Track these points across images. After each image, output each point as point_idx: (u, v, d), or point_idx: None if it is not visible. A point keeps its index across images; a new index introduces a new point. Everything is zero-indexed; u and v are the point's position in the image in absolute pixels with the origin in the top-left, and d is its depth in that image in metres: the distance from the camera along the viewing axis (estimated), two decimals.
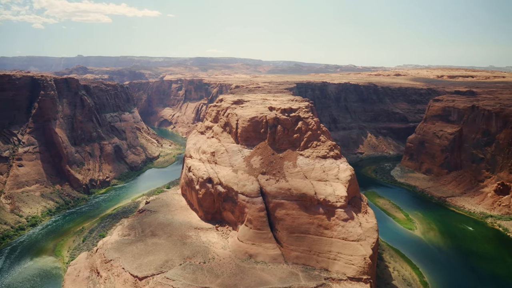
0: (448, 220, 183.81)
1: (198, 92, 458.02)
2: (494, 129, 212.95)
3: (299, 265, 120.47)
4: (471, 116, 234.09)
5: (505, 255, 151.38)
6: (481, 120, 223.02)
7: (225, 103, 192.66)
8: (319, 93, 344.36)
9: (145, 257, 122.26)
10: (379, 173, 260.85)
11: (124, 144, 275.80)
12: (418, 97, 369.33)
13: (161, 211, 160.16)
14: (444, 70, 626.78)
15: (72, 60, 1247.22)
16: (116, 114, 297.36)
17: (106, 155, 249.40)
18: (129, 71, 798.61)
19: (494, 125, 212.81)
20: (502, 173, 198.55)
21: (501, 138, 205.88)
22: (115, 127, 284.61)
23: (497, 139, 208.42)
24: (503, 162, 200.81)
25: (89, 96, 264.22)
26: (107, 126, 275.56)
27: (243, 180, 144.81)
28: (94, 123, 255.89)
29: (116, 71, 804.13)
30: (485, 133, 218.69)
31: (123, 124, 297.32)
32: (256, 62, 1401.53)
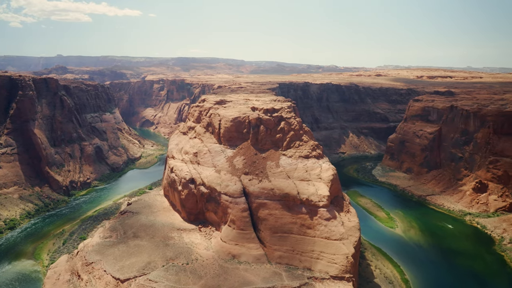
0: (428, 218, 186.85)
1: (180, 92, 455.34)
2: (472, 129, 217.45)
3: (282, 264, 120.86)
4: (450, 116, 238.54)
5: (483, 252, 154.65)
6: (460, 120, 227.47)
7: (208, 104, 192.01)
8: (302, 93, 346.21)
9: (127, 259, 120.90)
10: (361, 173, 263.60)
11: (105, 145, 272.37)
12: (398, 97, 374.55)
13: (143, 213, 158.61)
14: (424, 71, 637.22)
15: (51, 60, 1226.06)
16: (97, 114, 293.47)
17: (86, 156, 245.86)
18: (110, 71, 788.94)
19: (472, 125, 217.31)
20: (480, 171, 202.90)
21: (479, 137, 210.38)
22: (96, 127, 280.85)
23: (475, 138, 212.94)
24: (480, 161, 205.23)
25: (69, 96, 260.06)
26: (88, 127, 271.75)
27: (226, 180, 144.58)
28: (74, 124, 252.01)
29: (97, 71, 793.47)
30: (463, 132, 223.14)
31: (104, 124, 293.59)
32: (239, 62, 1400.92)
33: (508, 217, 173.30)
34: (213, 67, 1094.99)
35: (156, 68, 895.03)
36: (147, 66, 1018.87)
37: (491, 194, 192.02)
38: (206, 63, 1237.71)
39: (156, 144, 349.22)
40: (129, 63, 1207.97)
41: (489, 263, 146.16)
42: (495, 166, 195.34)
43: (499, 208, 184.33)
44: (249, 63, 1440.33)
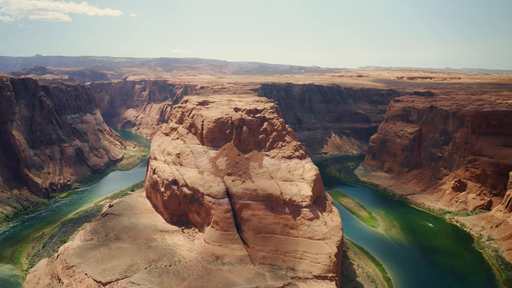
0: (409, 217, 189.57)
1: (163, 93, 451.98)
2: (451, 129, 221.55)
3: (266, 265, 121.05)
4: (429, 116, 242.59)
5: (463, 249, 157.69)
6: (439, 120, 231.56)
7: (190, 104, 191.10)
8: (284, 94, 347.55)
9: (109, 262, 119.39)
10: (343, 173, 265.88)
11: (86, 147, 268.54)
12: (379, 98, 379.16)
13: (125, 215, 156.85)
14: (404, 72, 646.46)
15: (30, 60, 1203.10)
16: (77, 115, 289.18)
17: (67, 158, 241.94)
18: (90, 72, 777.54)
19: (451, 125, 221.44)
20: (459, 170, 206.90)
21: (457, 137, 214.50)
22: (76, 129, 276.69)
23: (454, 138, 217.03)
24: (459, 160, 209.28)
25: (48, 97, 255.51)
26: (68, 128, 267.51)
27: (209, 181, 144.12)
28: (54, 125, 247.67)
29: (77, 71, 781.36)
30: (443, 132, 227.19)
31: (85, 126, 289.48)
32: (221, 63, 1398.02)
33: (486, 215, 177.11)
34: (195, 67, 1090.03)
35: (137, 69, 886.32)
36: (128, 66, 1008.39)
37: (469, 193, 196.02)
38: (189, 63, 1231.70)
39: (138, 145, 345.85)
40: (110, 63, 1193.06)
41: (468, 260, 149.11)
42: (473, 165, 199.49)
43: (478, 206, 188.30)
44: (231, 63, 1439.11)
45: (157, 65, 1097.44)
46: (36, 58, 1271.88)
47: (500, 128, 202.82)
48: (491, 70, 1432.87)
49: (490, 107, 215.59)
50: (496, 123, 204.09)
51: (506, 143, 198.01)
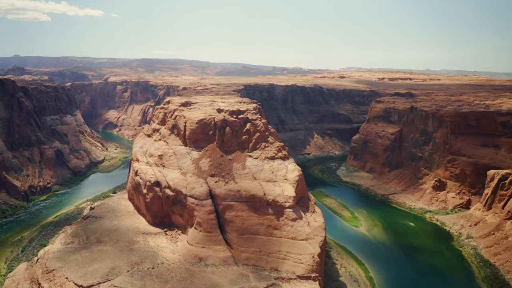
0: (390, 216, 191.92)
1: (145, 94, 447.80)
2: (431, 129, 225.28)
3: (250, 266, 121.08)
4: (410, 117, 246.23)
5: (443, 248, 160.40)
6: (419, 121, 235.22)
7: (173, 105, 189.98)
8: (267, 95, 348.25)
9: (90, 265, 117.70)
10: (326, 173, 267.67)
11: (66, 148, 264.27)
12: (361, 99, 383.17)
13: (107, 217, 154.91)
14: (385, 73, 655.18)
15: (7, 60, 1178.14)
16: (57, 117, 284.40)
17: (46, 160, 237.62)
18: (70, 72, 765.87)
19: (431, 125, 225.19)
20: (438, 170, 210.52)
21: (437, 137, 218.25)
22: (56, 130, 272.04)
23: (434, 138, 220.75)
24: (439, 160, 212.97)
25: (27, 98, 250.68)
26: (48, 130, 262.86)
27: (192, 183, 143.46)
28: (33, 127, 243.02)
29: (57, 72, 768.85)
30: (423, 132, 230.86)
31: (65, 127, 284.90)
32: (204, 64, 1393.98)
33: (465, 214, 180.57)
34: (178, 68, 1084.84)
35: (119, 70, 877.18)
36: (109, 67, 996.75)
37: (449, 192, 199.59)
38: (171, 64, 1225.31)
39: (119, 147, 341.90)
40: (91, 64, 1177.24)
41: (448, 259, 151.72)
42: (452, 165, 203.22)
43: (457, 205, 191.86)
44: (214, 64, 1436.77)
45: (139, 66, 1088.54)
46: (14, 58, 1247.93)
47: (478, 128, 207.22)
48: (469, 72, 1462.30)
49: (468, 108, 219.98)
50: (474, 123, 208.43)
51: (484, 143, 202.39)
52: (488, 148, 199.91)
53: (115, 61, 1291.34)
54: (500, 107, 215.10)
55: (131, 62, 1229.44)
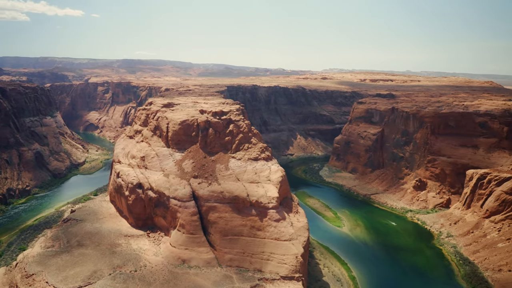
0: (373, 216, 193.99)
1: (126, 95, 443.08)
2: (411, 130, 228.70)
3: (233, 267, 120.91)
4: (391, 118, 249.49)
5: (424, 247, 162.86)
6: (400, 121, 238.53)
7: (155, 106, 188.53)
8: (250, 96, 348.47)
9: (71, 269, 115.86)
10: (309, 174, 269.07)
11: (46, 150, 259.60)
12: (343, 100, 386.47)
13: (88, 220, 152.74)
14: (367, 74, 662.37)
15: None
16: (36, 118, 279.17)
17: (25, 162, 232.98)
18: (50, 73, 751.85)
19: (412, 126, 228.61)
20: (419, 170, 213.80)
21: (418, 138, 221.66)
22: (35, 132, 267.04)
23: (415, 139, 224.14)
24: (420, 160, 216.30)
25: (5, 99, 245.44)
26: (27, 131, 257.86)
27: (174, 184, 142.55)
28: (11, 128, 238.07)
29: (36, 72, 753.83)
30: (404, 133, 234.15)
31: (45, 129, 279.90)
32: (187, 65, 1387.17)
33: (445, 213, 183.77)
34: (160, 69, 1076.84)
35: (100, 70, 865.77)
36: (90, 68, 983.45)
37: (429, 192, 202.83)
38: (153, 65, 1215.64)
39: (101, 148, 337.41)
40: (71, 64, 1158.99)
41: (429, 257, 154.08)
42: (433, 165, 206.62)
43: (437, 205, 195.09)
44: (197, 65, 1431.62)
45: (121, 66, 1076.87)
46: None
47: (457, 129, 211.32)
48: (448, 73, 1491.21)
49: (448, 109, 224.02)
50: (454, 124, 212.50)
51: (463, 143, 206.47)
52: (467, 148, 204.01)
53: (96, 61, 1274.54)
54: (479, 108, 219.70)
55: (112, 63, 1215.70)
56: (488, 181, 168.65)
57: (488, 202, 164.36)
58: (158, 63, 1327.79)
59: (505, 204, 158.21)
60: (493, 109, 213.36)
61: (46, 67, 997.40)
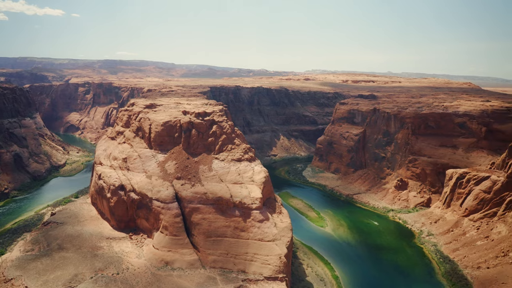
0: (355, 216, 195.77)
1: (108, 96, 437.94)
2: (393, 130, 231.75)
3: (217, 268, 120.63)
4: (373, 118, 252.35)
5: (405, 245, 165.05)
6: (382, 122, 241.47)
7: (137, 107, 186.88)
8: (233, 97, 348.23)
9: (52, 273, 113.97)
10: (292, 174, 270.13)
11: (25, 152, 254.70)
12: (326, 101, 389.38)
13: (69, 222, 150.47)
14: (349, 75, 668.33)
15: None
16: (15, 119, 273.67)
17: (4, 165, 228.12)
18: (29, 73, 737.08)
19: (393, 126, 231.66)
20: (400, 170, 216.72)
21: (399, 138, 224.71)
22: (14, 134, 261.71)
23: (396, 139, 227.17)
24: (401, 160, 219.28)
25: None
26: (5, 133, 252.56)
27: (157, 186, 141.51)
28: None
29: (14, 73, 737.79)
30: (385, 133, 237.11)
31: (24, 130, 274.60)
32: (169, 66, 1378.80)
33: (426, 212, 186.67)
34: (142, 70, 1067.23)
35: (81, 71, 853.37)
36: (71, 68, 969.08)
37: (410, 191, 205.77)
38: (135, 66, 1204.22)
39: (82, 150, 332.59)
40: (51, 65, 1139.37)
41: (410, 256, 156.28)
42: (413, 165, 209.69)
43: (418, 204, 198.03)
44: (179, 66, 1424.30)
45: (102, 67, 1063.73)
46: None
47: (437, 129, 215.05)
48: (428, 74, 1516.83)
49: (428, 110, 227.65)
50: (434, 124, 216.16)
51: (443, 143, 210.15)
52: (447, 148, 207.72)
53: (76, 62, 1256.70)
54: (457, 109, 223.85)
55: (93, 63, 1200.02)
56: (467, 180, 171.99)
57: (467, 201, 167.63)
58: (140, 63, 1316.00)
59: (484, 202, 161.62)
60: (472, 110, 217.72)
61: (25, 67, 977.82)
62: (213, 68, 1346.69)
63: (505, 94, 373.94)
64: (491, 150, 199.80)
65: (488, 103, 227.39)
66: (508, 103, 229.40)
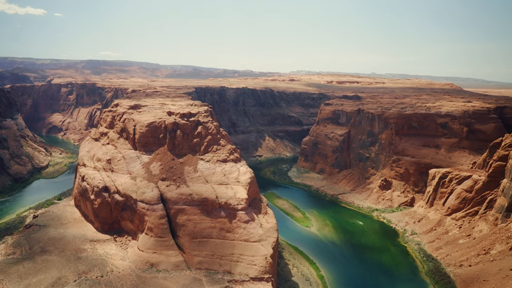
0: (340, 216, 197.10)
1: (91, 97, 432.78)
2: (377, 130, 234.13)
3: (202, 270, 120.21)
4: (357, 119, 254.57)
5: (389, 244, 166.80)
6: (366, 122, 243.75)
7: (121, 108, 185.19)
8: (218, 98, 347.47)
9: (34, 276, 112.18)
10: (277, 175, 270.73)
11: (6, 154, 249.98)
12: (311, 101, 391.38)
13: (52, 225, 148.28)
14: (333, 76, 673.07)
15: None
16: None
17: None
18: (10, 74, 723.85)
19: (377, 127, 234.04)
20: (384, 170, 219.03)
21: (383, 138, 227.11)
22: None
23: (380, 139, 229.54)
24: (385, 160, 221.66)
25: None
26: None
27: (142, 187, 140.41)
28: None
29: None
30: (369, 134, 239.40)
31: (5, 131, 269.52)
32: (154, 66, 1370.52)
33: (409, 211, 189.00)
34: (126, 70, 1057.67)
35: (63, 71, 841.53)
36: (53, 68, 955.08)
37: (394, 191, 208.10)
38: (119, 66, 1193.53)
39: (65, 151, 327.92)
40: (33, 65, 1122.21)
41: (394, 254, 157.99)
42: (397, 165, 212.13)
43: (402, 203, 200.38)
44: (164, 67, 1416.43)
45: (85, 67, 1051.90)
46: None
47: (420, 130, 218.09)
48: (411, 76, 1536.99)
49: (411, 110, 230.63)
50: (417, 124, 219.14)
51: (426, 143, 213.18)
52: (430, 148, 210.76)
53: (59, 62, 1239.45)
54: (440, 109, 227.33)
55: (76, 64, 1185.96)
56: (449, 180, 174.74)
57: (449, 200, 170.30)
58: (124, 64, 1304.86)
59: (465, 201, 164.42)
60: (454, 110, 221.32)
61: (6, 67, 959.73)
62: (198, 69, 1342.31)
63: (486, 95, 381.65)
64: (472, 150, 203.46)
65: (470, 104, 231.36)
66: (488, 103, 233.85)
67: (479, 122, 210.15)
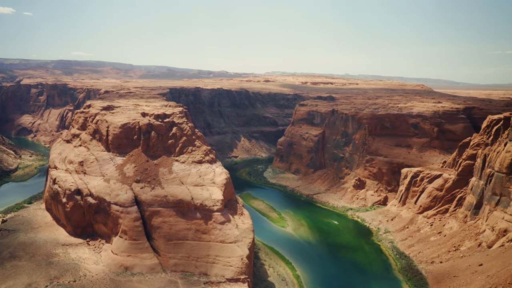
0: (315, 215, 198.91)
1: (63, 98, 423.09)
2: (351, 131, 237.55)
3: (178, 272, 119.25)
4: (331, 119, 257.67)
5: (363, 243, 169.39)
6: (340, 123, 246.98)
7: (94, 109, 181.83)
8: (193, 99, 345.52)
9: (3, 283, 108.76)
10: (253, 175, 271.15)
11: None
12: (286, 102, 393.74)
13: (22, 229, 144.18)
14: (308, 77, 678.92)
15: None
16: None
17: None
18: None
19: (351, 127, 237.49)
20: (358, 169, 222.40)
21: (356, 139, 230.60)
22: None
23: (354, 140, 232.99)
24: (359, 160, 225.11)
25: None
26: None
27: (116, 189, 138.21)
28: None
29: None
30: (343, 134, 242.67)
31: None
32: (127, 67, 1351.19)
33: (383, 210, 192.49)
34: (99, 71, 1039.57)
35: (33, 72, 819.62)
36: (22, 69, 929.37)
37: (368, 190, 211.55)
38: (91, 66, 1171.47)
39: (35, 154, 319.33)
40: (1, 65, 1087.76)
41: (368, 253, 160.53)
42: (371, 165, 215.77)
43: (375, 202, 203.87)
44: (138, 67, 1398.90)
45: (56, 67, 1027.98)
46: None
47: (392, 130, 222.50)
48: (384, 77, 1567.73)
49: (383, 111, 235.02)
50: (389, 125, 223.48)
51: (398, 143, 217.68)
52: (402, 148, 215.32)
53: (28, 62, 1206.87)
54: (411, 110, 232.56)
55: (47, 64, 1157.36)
56: (421, 179, 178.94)
57: (421, 198, 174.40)
58: (97, 64, 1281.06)
59: (436, 200, 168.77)
60: (424, 111, 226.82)
61: None
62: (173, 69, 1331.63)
63: (455, 96, 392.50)
64: (442, 150, 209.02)
65: (440, 105, 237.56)
66: (458, 104, 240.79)
67: (448, 123, 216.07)
